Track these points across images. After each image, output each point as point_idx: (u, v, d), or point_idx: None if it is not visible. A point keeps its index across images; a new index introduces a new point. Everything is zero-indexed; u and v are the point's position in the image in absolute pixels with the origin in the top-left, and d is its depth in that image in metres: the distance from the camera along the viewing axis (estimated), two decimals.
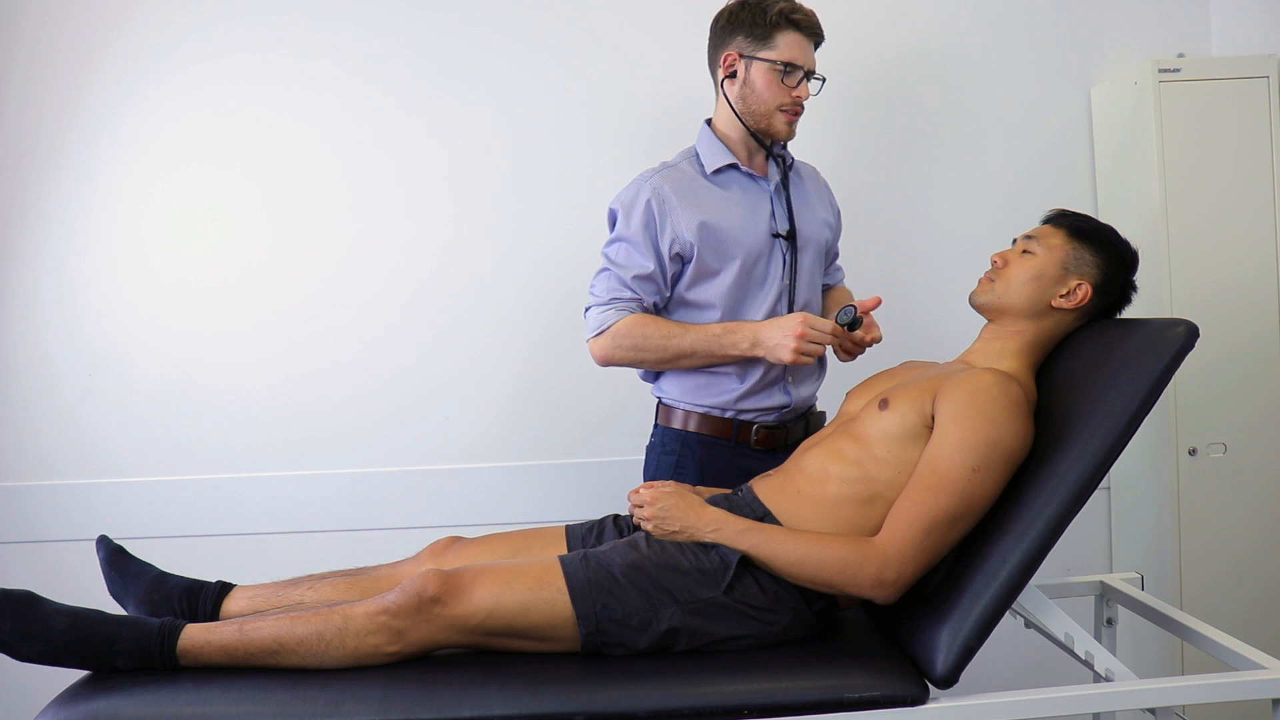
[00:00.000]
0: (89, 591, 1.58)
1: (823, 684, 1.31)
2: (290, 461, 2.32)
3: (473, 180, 2.33)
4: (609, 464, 2.29)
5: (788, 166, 1.83)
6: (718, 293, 1.75)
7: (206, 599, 1.50)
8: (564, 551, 1.52)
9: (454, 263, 2.33)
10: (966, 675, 1.31)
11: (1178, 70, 2.09)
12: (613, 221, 1.78)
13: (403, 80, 2.32)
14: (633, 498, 1.52)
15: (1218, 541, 2.10)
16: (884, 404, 1.48)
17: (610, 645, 1.38)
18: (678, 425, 1.81)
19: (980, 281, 1.59)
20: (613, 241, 1.77)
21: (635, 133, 2.31)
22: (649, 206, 1.73)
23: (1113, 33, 2.35)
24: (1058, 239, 1.55)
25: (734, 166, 1.79)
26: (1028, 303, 1.53)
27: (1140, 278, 1.57)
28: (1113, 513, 2.36)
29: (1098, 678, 1.46)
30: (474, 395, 2.34)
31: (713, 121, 1.83)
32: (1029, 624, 1.64)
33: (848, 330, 1.67)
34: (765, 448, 1.79)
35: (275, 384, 2.32)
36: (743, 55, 1.74)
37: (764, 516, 1.49)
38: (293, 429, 2.33)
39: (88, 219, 2.31)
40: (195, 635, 1.34)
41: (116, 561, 1.53)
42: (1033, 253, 1.55)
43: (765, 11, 1.71)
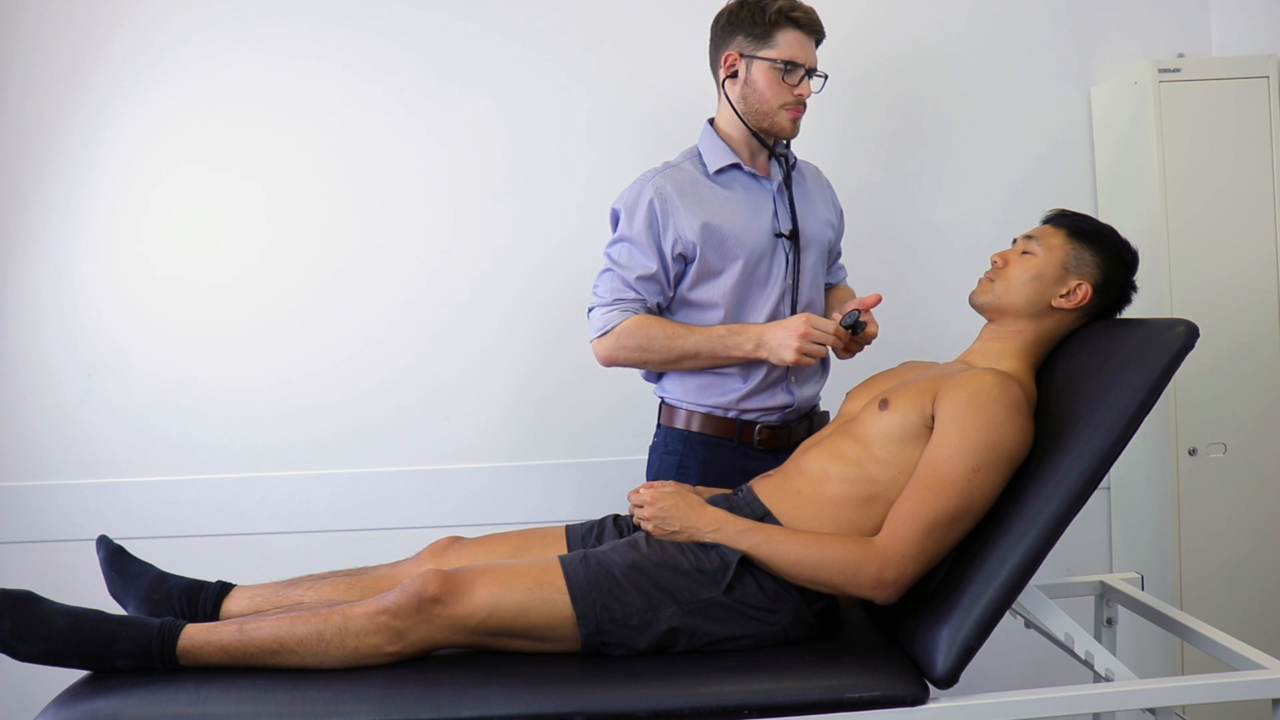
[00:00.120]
0: (89, 591, 1.58)
1: (823, 684, 1.31)
2: (290, 461, 2.32)
3: (473, 180, 2.33)
4: (609, 464, 2.29)
5: (790, 166, 1.83)
6: (721, 292, 1.75)
7: (206, 599, 1.50)
8: (564, 551, 1.52)
9: (454, 262, 2.33)
10: (966, 675, 1.32)
11: (1178, 70, 2.09)
12: (615, 222, 1.78)
13: (403, 80, 2.31)
14: (633, 498, 1.52)
15: (1218, 541, 2.10)
16: (884, 404, 1.48)
17: (610, 645, 1.38)
18: (680, 425, 1.81)
19: (980, 281, 1.59)
20: (615, 242, 1.77)
21: (636, 132, 2.31)
22: (651, 206, 1.73)
23: (1113, 33, 2.34)
24: (1058, 239, 1.55)
25: (736, 166, 1.79)
26: (1028, 303, 1.53)
27: (1140, 278, 1.57)
28: (1113, 513, 2.36)
29: (1098, 678, 1.46)
30: (474, 395, 2.34)
31: (715, 121, 1.83)
32: (1029, 624, 1.64)
33: (850, 332, 1.68)
34: (768, 448, 1.79)
35: (275, 384, 2.32)
36: (743, 55, 1.74)
37: (764, 516, 1.49)
38: (293, 429, 2.33)
39: (88, 219, 2.31)
40: (195, 635, 1.34)
41: (116, 561, 1.53)
42: (1033, 253, 1.55)
43: (764, 10, 1.71)
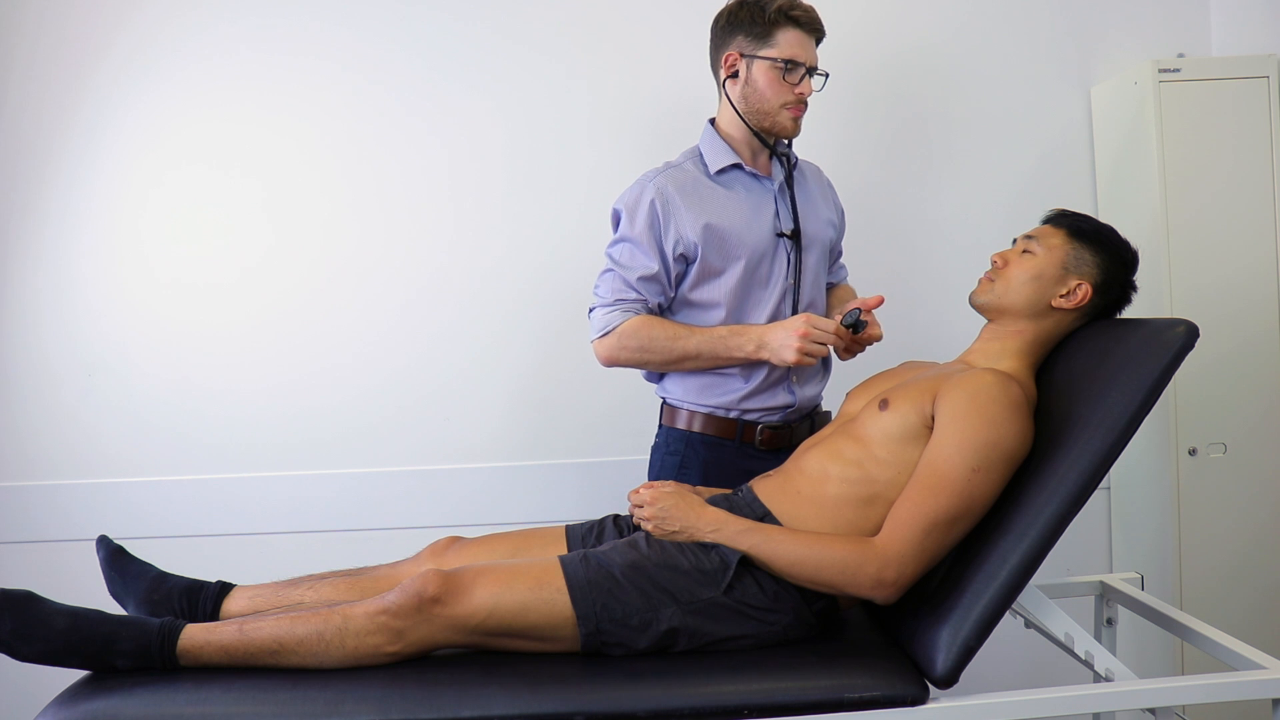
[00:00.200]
0: (89, 591, 1.58)
1: (823, 684, 1.31)
2: (290, 461, 2.32)
3: (473, 180, 2.33)
4: (609, 464, 2.29)
5: (791, 165, 1.83)
6: (722, 292, 1.75)
7: (206, 599, 1.50)
8: (564, 551, 1.52)
9: (455, 262, 2.33)
10: (966, 675, 1.31)
11: (1178, 70, 2.09)
12: (616, 222, 1.78)
13: (403, 80, 2.31)
14: (633, 498, 1.52)
15: (1218, 541, 2.10)
16: (884, 404, 1.48)
17: (610, 645, 1.38)
18: (682, 426, 1.81)
19: (980, 281, 1.59)
20: (616, 242, 1.77)
21: (636, 132, 2.31)
22: (653, 207, 1.72)
23: (1113, 33, 2.34)
24: (1058, 239, 1.55)
25: (738, 166, 1.78)
26: (1028, 303, 1.53)
27: (1140, 278, 1.57)
28: (1113, 513, 2.36)
29: (1098, 678, 1.46)
30: (474, 395, 2.34)
31: (716, 121, 1.83)
32: (1029, 624, 1.64)
33: (851, 332, 1.68)
34: (770, 448, 1.79)
35: (275, 384, 2.32)
36: (743, 55, 1.74)
37: (764, 517, 1.48)
38: (293, 429, 2.33)
39: (88, 219, 2.30)
40: (195, 635, 1.34)
41: (116, 561, 1.53)
42: (1033, 252, 1.55)
43: (764, 10, 1.71)
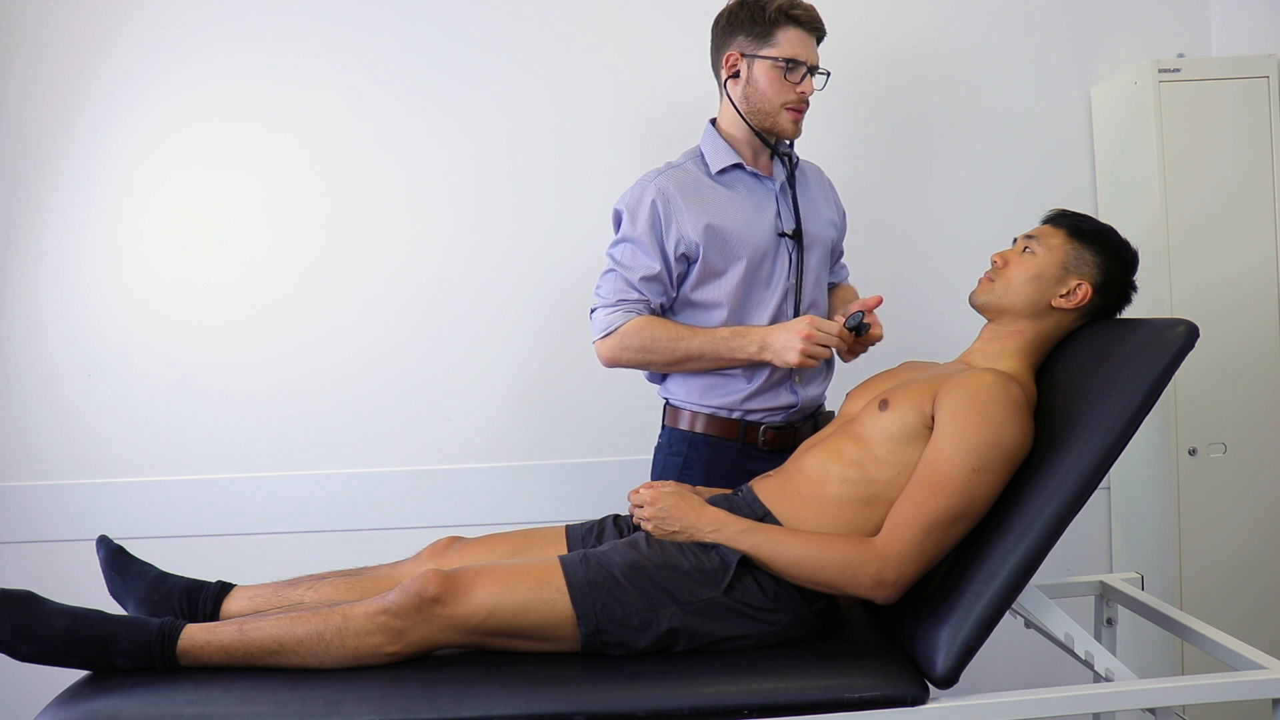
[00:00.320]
0: (89, 591, 1.58)
1: (823, 684, 1.31)
2: (290, 461, 2.32)
3: (474, 180, 2.33)
4: (610, 464, 2.29)
5: (793, 165, 1.83)
6: (724, 292, 1.74)
7: (206, 599, 1.50)
8: (564, 551, 1.52)
9: (455, 262, 2.33)
10: (966, 675, 1.31)
11: (1178, 70, 2.09)
12: (618, 222, 1.78)
13: (403, 80, 2.31)
14: (633, 498, 1.52)
15: (1218, 541, 2.10)
16: (884, 404, 1.48)
17: (610, 645, 1.38)
18: (684, 426, 1.81)
19: (980, 281, 1.59)
20: (618, 243, 1.77)
21: (636, 132, 2.31)
22: (654, 207, 1.72)
23: (1113, 33, 2.34)
24: (1058, 239, 1.55)
25: (739, 166, 1.78)
26: (1028, 303, 1.53)
27: (1140, 278, 1.57)
28: (1113, 513, 2.36)
29: (1098, 678, 1.46)
30: (475, 395, 2.34)
31: (717, 121, 1.83)
32: (1029, 624, 1.64)
33: (855, 334, 1.68)
34: (773, 449, 1.78)
35: (275, 384, 2.32)
36: (744, 54, 1.73)
37: (764, 517, 1.48)
38: (293, 429, 2.32)
39: (88, 219, 2.30)
40: (195, 635, 1.34)
41: (116, 561, 1.53)
42: (1033, 252, 1.55)
43: (764, 9, 1.71)
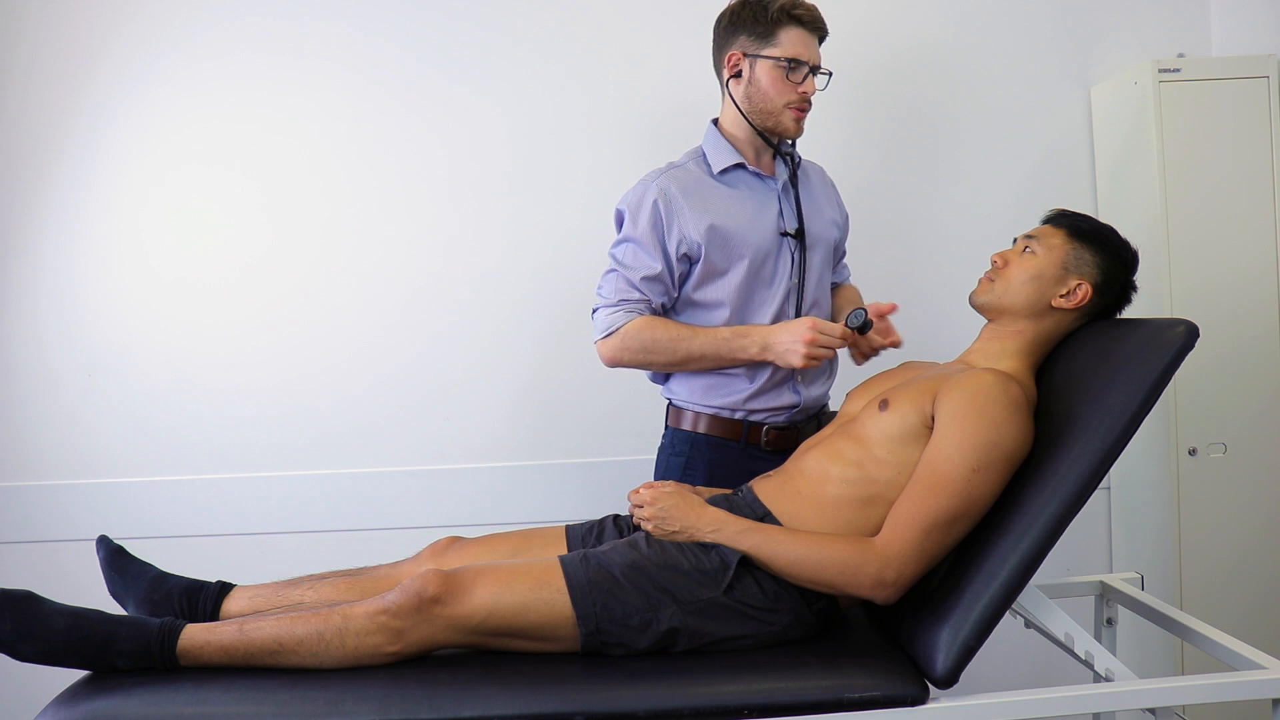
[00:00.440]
0: (89, 591, 1.58)
1: (823, 684, 1.31)
2: (290, 461, 2.32)
3: (474, 180, 2.33)
4: (610, 464, 2.29)
5: (795, 164, 1.83)
6: (726, 292, 1.74)
7: (206, 599, 1.50)
8: (564, 551, 1.52)
9: (455, 262, 2.33)
10: (966, 675, 1.31)
11: (1178, 70, 2.09)
12: (619, 222, 1.78)
13: (403, 80, 2.31)
14: (633, 498, 1.52)
15: (1218, 541, 2.10)
16: (884, 405, 1.48)
17: (610, 645, 1.38)
18: (687, 427, 1.81)
19: (980, 281, 1.59)
20: (620, 242, 1.77)
21: (636, 133, 2.31)
22: (656, 207, 1.72)
23: (1113, 33, 2.34)
24: (1058, 239, 1.55)
25: (741, 166, 1.78)
26: (1028, 303, 1.53)
27: (1140, 278, 1.57)
28: (1113, 513, 2.36)
29: (1098, 678, 1.46)
30: (475, 395, 2.34)
31: (719, 121, 1.83)
32: (1029, 624, 1.64)
33: (858, 333, 1.67)
34: (776, 449, 1.77)
35: (275, 384, 2.32)
36: (747, 54, 1.73)
37: (764, 517, 1.48)
38: (293, 429, 2.32)
39: (88, 219, 2.30)
40: (195, 635, 1.34)
41: (116, 561, 1.53)
42: (1033, 252, 1.55)
43: (766, 9, 1.71)
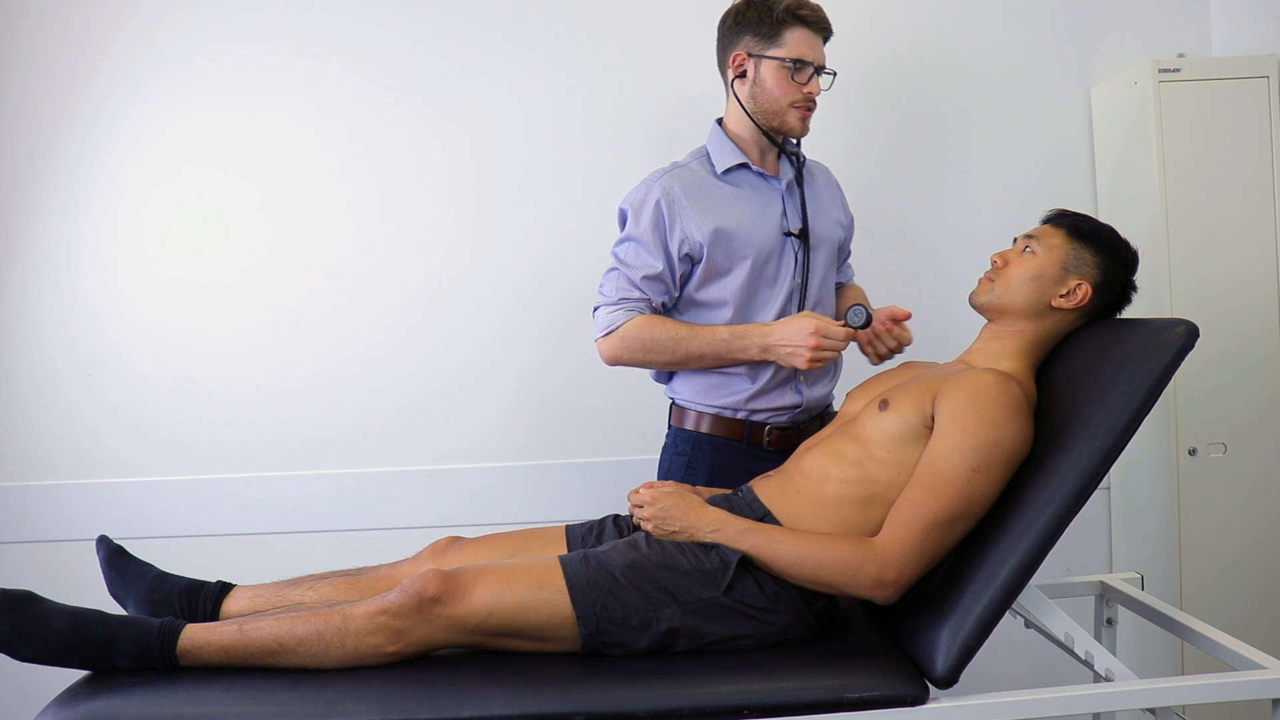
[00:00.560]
0: (89, 591, 1.58)
1: (823, 684, 1.31)
2: (290, 461, 2.32)
3: (473, 180, 2.33)
4: (610, 464, 2.29)
5: (800, 164, 1.83)
6: (729, 291, 1.74)
7: (206, 599, 1.50)
8: (564, 551, 1.52)
9: (455, 263, 2.33)
10: (966, 675, 1.32)
11: (1178, 70, 2.09)
12: (622, 221, 1.78)
13: (403, 80, 2.31)
14: (633, 498, 1.52)
15: (1218, 541, 2.10)
16: (884, 405, 1.48)
17: (610, 645, 1.38)
18: (690, 427, 1.80)
19: (980, 281, 1.59)
20: (622, 241, 1.77)
21: (637, 133, 2.31)
22: (658, 207, 1.72)
23: (1113, 33, 2.34)
24: (1057, 239, 1.55)
25: (745, 166, 1.78)
26: (1028, 303, 1.53)
27: (1140, 277, 1.57)
28: (1113, 513, 2.36)
29: (1098, 678, 1.46)
30: (475, 395, 2.34)
31: (724, 121, 1.82)
32: (1029, 624, 1.64)
33: (860, 330, 1.66)
34: (778, 449, 1.77)
35: (275, 384, 2.32)
36: (751, 54, 1.73)
37: (764, 517, 1.48)
38: (293, 429, 2.32)
39: (88, 219, 2.30)
40: (195, 635, 1.34)
41: (116, 561, 1.53)
42: (1033, 252, 1.55)
43: (771, 9, 1.70)
